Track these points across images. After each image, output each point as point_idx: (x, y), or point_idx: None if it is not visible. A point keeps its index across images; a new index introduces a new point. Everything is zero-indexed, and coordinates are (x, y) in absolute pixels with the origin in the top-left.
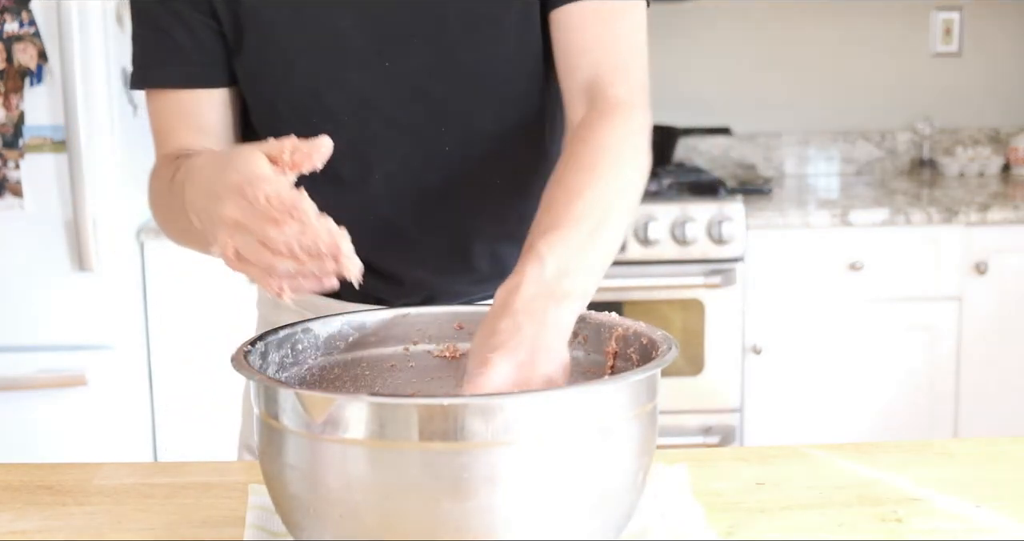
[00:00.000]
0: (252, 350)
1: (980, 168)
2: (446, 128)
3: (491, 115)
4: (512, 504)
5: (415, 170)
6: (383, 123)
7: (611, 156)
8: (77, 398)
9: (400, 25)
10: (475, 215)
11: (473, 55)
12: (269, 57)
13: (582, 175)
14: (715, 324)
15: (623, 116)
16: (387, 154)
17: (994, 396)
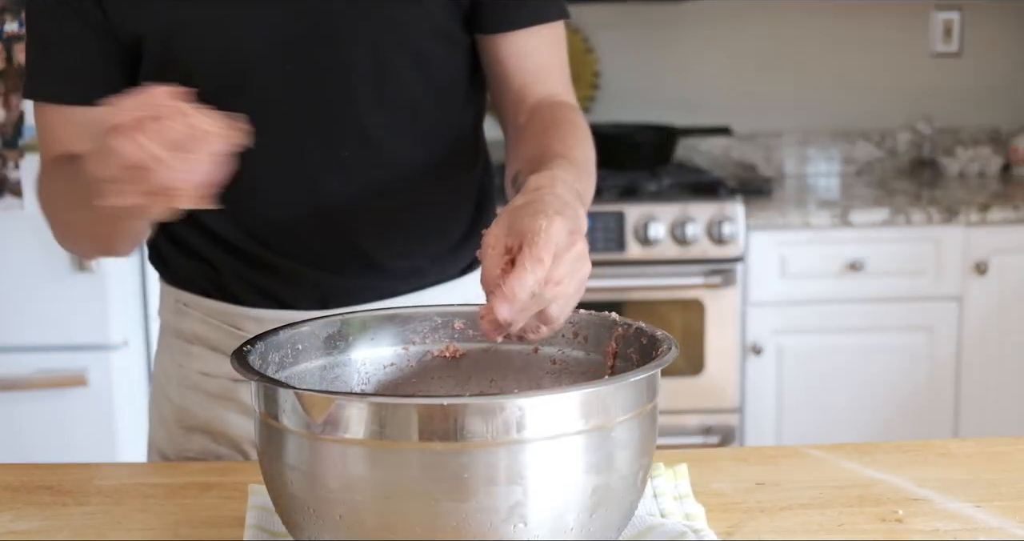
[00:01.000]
0: (252, 350)
1: (980, 168)
2: (345, 138)
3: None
4: (512, 504)
5: (311, 178)
6: (284, 129)
7: (583, 130)
8: (77, 398)
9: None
10: (372, 223)
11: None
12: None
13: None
14: (715, 324)
15: (578, 112)
16: (286, 162)
17: (994, 396)
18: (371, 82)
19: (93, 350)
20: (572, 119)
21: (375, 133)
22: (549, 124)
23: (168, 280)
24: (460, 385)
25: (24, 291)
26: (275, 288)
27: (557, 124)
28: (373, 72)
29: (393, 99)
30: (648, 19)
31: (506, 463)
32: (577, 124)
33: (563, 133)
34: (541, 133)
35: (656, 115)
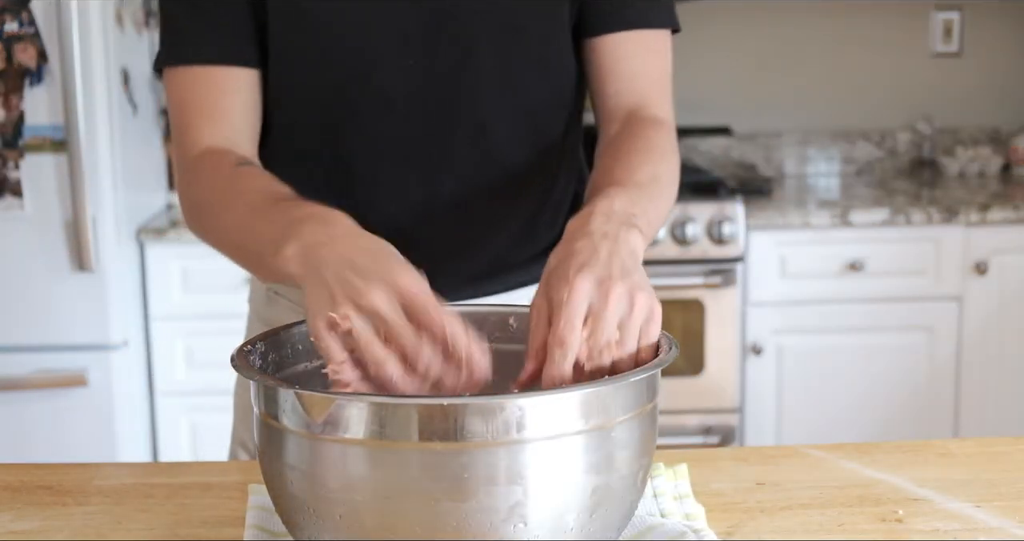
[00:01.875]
0: (252, 350)
1: (980, 168)
2: (463, 137)
3: (514, 132)
4: (512, 504)
5: (426, 175)
6: (402, 124)
7: (659, 149)
8: (77, 398)
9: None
10: (479, 223)
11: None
12: (304, 41)
13: (640, 155)
14: (715, 324)
15: (668, 129)
16: (401, 156)
17: (994, 396)
18: (493, 84)
19: (93, 350)
20: (651, 138)
21: (491, 134)
22: (623, 146)
23: None
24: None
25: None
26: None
27: (631, 145)
28: (496, 74)
29: (512, 102)
30: None
31: (506, 463)
32: (653, 143)
33: (632, 157)
34: (612, 156)
35: None
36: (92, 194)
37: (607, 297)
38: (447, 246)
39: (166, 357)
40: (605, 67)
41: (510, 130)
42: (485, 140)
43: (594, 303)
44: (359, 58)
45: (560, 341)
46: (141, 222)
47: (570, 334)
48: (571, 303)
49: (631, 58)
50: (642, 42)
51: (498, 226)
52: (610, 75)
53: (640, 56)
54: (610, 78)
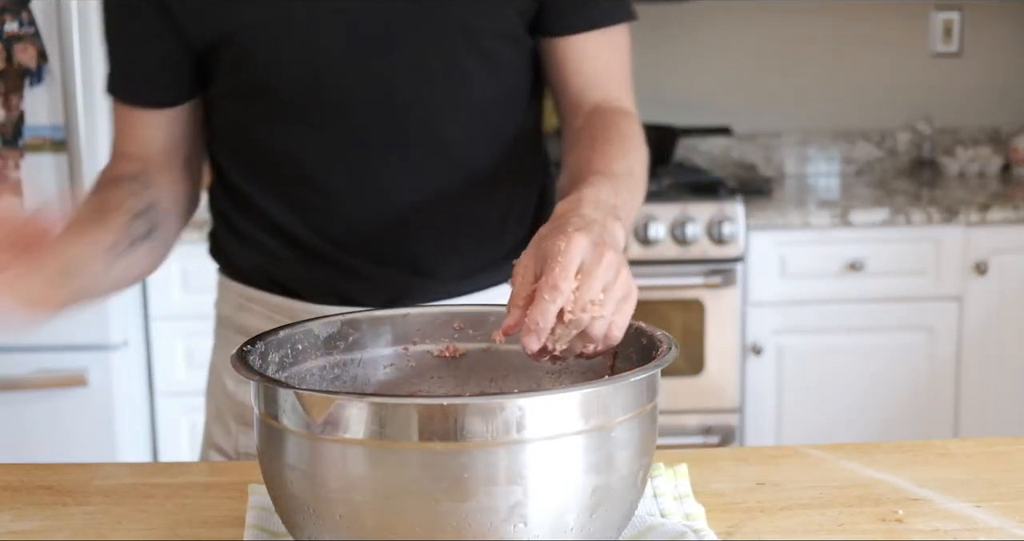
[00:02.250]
0: (252, 350)
1: (980, 168)
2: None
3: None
4: (512, 504)
5: (384, 179)
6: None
7: (632, 139)
8: (77, 398)
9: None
10: (439, 225)
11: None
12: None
13: (615, 145)
14: (715, 324)
15: (635, 120)
16: (358, 164)
17: (994, 396)
18: (445, 85)
19: (93, 350)
20: (622, 128)
21: (447, 136)
22: (597, 135)
23: (230, 274)
24: (460, 385)
25: None
26: (342, 285)
27: (605, 135)
28: (447, 75)
29: (465, 102)
30: (648, 19)
31: (506, 463)
32: (626, 133)
33: (607, 146)
34: (587, 146)
35: (656, 115)
36: None
37: (600, 258)
38: (412, 251)
39: (166, 357)
40: (569, 66)
41: (465, 131)
42: (441, 143)
43: (587, 261)
44: (311, 67)
45: (552, 285)
46: None
47: (563, 281)
48: (568, 252)
49: (596, 57)
50: (605, 39)
51: (463, 229)
52: (574, 73)
53: (604, 54)
54: (574, 76)
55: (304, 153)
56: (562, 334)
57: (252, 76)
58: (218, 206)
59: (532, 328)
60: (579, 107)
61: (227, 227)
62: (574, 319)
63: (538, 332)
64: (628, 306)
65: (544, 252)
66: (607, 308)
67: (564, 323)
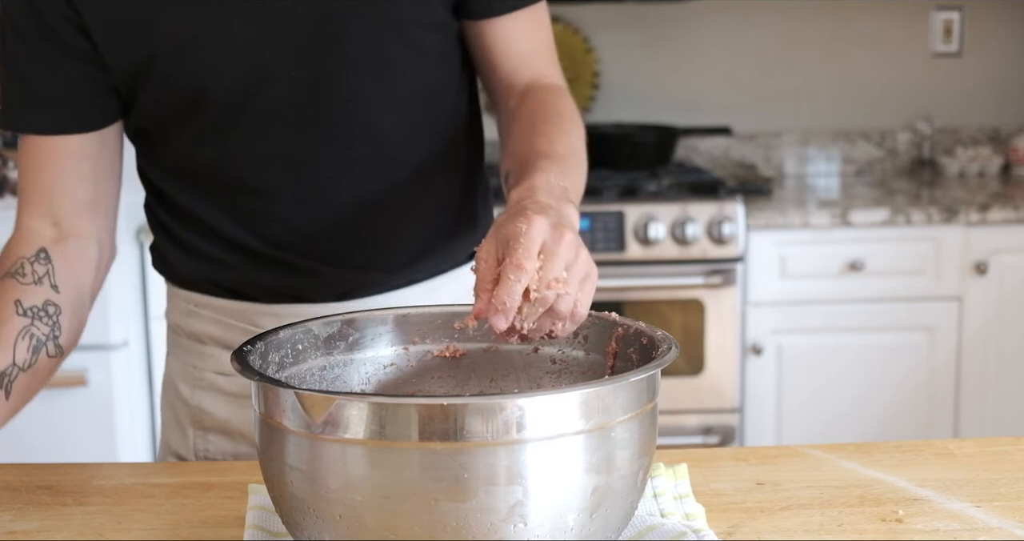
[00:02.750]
0: (252, 350)
1: (980, 168)
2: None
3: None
4: (511, 504)
5: (325, 180)
6: (294, 135)
7: (569, 116)
8: (77, 398)
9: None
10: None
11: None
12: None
13: (554, 124)
14: (715, 324)
15: (567, 94)
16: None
17: (994, 396)
18: (377, 79)
19: (93, 350)
20: (558, 106)
21: (384, 129)
22: (535, 117)
23: (176, 283)
24: (460, 385)
25: None
26: (291, 284)
27: (543, 116)
28: (378, 69)
29: (398, 94)
30: (648, 19)
31: (506, 463)
32: (562, 112)
33: (548, 127)
34: (528, 129)
35: (656, 115)
36: None
37: (560, 238)
38: (357, 247)
39: None
40: (498, 48)
41: (399, 123)
42: (377, 138)
43: (548, 241)
44: (243, 77)
45: (517, 264)
46: (141, 222)
47: (527, 260)
48: (529, 234)
49: (522, 38)
50: (529, 18)
51: (405, 220)
52: (503, 55)
53: (530, 33)
54: (504, 58)
55: (241, 160)
56: (529, 312)
57: (183, 91)
58: (157, 219)
59: (499, 308)
60: (511, 88)
61: (168, 239)
62: (540, 297)
63: (505, 311)
64: (590, 284)
65: (505, 235)
66: (571, 286)
67: (530, 301)
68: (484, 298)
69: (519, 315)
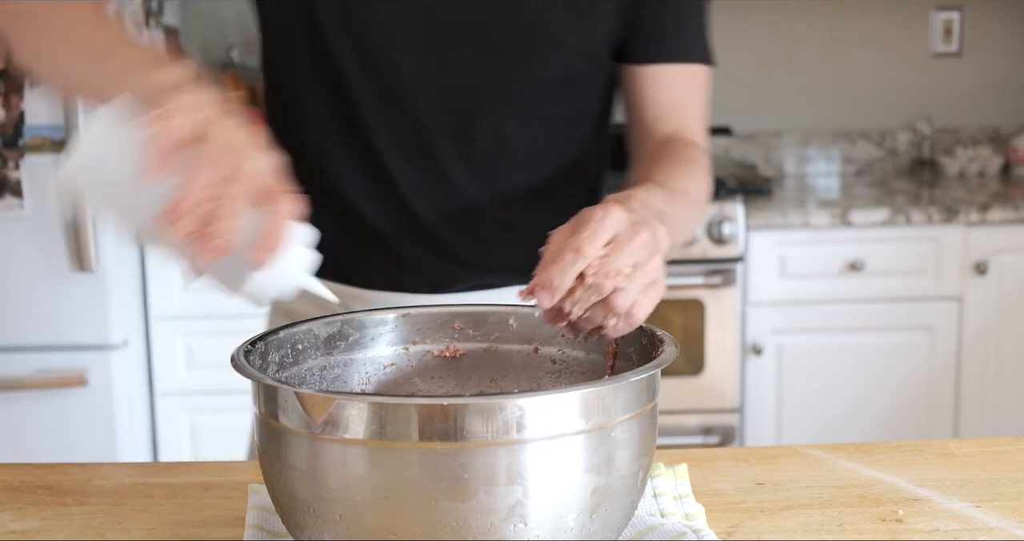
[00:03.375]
0: (252, 350)
1: (980, 168)
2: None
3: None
4: (512, 504)
5: (450, 174)
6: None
7: (698, 165)
8: (77, 398)
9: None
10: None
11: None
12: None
13: (679, 167)
14: (715, 324)
15: (705, 152)
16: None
17: (994, 396)
18: (519, 92)
19: (93, 350)
20: (690, 155)
21: (511, 140)
22: (662, 156)
23: None
24: (460, 385)
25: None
26: (392, 271)
27: (670, 158)
28: (523, 82)
29: (534, 111)
30: None
31: (506, 463)
32: (694, 160)
33: (670, 165)
34: (650, 163)
35: None
36: None
37: (635, 235)
38: (468, 246)
39: (166, 357)
40: (646, 94)
41: (530, 138)
42: (505, 145)
43: (621, 233)
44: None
45: (576, 247)
46: None
47: (588, 244)
48: (602, 221)
49: (673, 89)
50: (685, 74)
51: (521, 230)
52: (651, 102)
53: (682, 87)
54: (650, 105)
55: (371, 136)
56: (581, 297)
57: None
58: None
59: (546, 285)
60: (650, 135)
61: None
62: (595, 284)
63: (551, 289)
64: (655, 292)
65: (581, 220)
66: (633, 284)
67: (585, 286)
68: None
69: (571, 297)
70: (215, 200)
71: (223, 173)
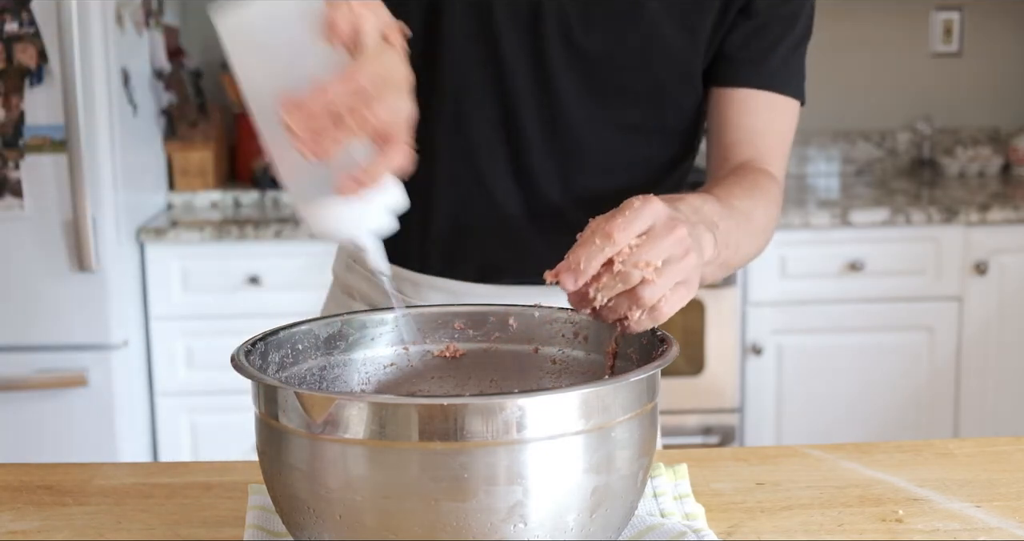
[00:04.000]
0: (252, 350)
1: (980, 168)
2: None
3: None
4: (511, 504)
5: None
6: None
7: (767, 193)
8: (77, 398)
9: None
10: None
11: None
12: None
13: (745, 191)
14: (715, 324)
15: (778, 184)
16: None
17: (994, 396)
18: (606, 104)
19: (93, 350)
20: (761, 182)
21: (595, 150)
22: (731, 178)
23: None
24: (460, 385)
25: (24, 291)
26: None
27: (739, 181)
28: (612, 94)
29: (620, 123)
30: None
31: (506, 463)
32: (762, 187)
33: (735, 185)
34: (718, 184)
35: None
36: (92, 194)
37: (671, 229)
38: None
39: (166, 357)
40: (728, 118)
41: (611, 151)
42: (583, 150)
43: (657, 226)
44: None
45: (607, 233)
46: (141, 222)
47: (619, 231)
48: (639, 210)
49: (756, 115)
50: (769, 103)
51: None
52: (731, 126)
53: (765, 115)
54: (731, 128)
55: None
56: (607, 284)
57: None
58: None
59: (571, 267)
60: (726, 160)
61: None
62: (622, 271)
63: (576, 273)
64: (685, 290)
65: (617, 211)
66: (663, 277)
67: (612, 273)
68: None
69: (596, 283)
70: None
71: (364, 96)
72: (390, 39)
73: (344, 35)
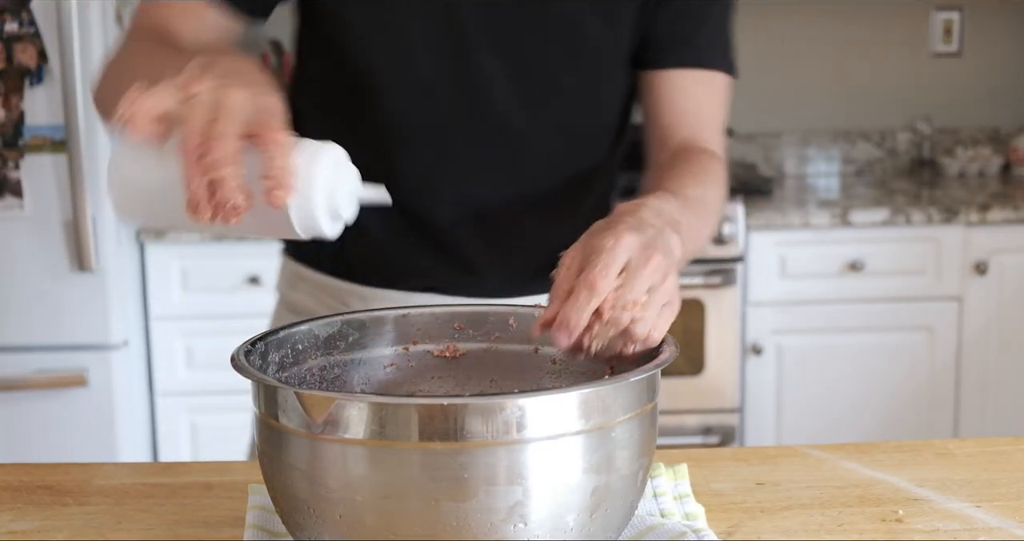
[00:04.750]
0: (252, 350)
1: (980, 168)
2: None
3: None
4: (511, 504)
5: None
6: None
7: (712, 174)
8: (77, 398)
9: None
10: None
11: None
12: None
13: (693, 177)
14: (715, 324)
15: (719, 161)
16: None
17: (994, 396)
18: (539, 96)
19: (93, 350)
20: (704, 163)
21: (527, 146)
22: (676, 164)
23: (290, 253)
24: (460, 385)
25: (24, 291)
26: (390, 270)
27: (685, 166)
28: (540, 85)
29: (553, 115)
30: None
31: (506, 463)
32: (708, 169)
33: (684, 173)
34: (664, 170)
35: None
36: (92, 194)
37: (648, 260)
38: (481, 250)
39: (166, 357)
40: (662, 100)
41: (544, 143)
42: (519, 151)
43: (633, 260)
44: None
45: (590, 284)
46: None
47: (602, 280)
48: (613, 251)
49: (688, 97)
50: (702, 80)
51: (531, 235)
52: (666, 108)
53: (699, 93)
54: (665, 111)
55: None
56: (600, 332)
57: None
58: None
59: (564, 324)
60: (665, 143)
61: None
62: (613, 318)
63: (569, 329)
64: (669, 312)
65: (591, 248)
66: (650, 309)
67: (603, 322)
68: (554, 308)
69: (589, 333)
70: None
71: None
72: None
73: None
